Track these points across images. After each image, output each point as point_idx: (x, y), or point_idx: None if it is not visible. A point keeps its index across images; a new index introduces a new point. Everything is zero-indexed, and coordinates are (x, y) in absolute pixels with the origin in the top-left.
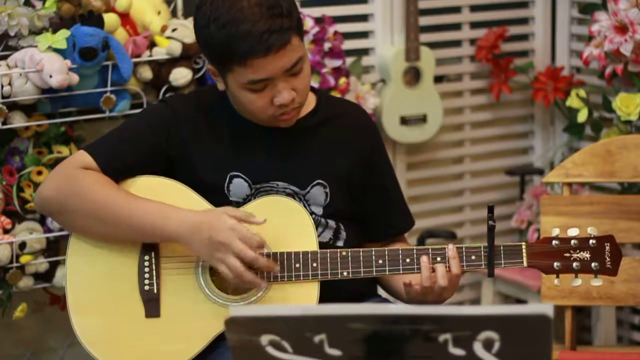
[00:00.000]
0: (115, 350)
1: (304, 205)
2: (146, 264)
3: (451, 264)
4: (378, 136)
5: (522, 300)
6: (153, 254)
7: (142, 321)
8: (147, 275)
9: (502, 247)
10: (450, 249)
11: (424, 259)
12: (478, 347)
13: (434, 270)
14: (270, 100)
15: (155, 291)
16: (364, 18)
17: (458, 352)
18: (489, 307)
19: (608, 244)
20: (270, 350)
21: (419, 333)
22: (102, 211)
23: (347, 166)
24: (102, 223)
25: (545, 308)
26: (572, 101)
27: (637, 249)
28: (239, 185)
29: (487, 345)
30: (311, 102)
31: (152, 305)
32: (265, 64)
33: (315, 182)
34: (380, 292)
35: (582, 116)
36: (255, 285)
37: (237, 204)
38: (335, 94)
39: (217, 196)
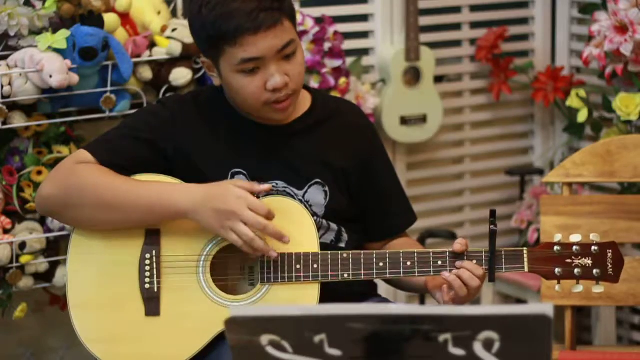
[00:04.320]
0: (115, 348)
1: (305, 207)
2: (147, 262)
3: (471, 269)
4: (375, 135)
5: (522, 300)
6: (154, 252)
7: (142, 320)
8: (147, 274)
9: (503, 252)
10: (460, 264)
11: (445, 275)
12: (478, 347)
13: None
14: (263, 84)
15: (156, 290)
16: (364, 18)
17: (458, 352)
18: (489, 307)
19: (610, 251)
20: (270, 350)
21: (419, 333)
22: (106, 198)
23: (344, 165)
24: (107, 210)
25: (545, 308)
26: (572, 101)
27: (637, 249)
28: None
29: (487, 345)
30: (307, 101)
31: (152, 303)
32: (255, 41)
33: (313, 182)
34: (381, 292)
35: (582, 116)
36: (265, 252)
37: None
38: (335, 94)
39: None
